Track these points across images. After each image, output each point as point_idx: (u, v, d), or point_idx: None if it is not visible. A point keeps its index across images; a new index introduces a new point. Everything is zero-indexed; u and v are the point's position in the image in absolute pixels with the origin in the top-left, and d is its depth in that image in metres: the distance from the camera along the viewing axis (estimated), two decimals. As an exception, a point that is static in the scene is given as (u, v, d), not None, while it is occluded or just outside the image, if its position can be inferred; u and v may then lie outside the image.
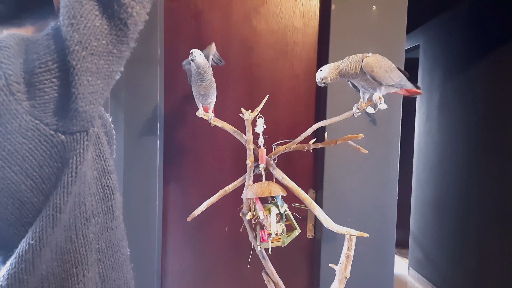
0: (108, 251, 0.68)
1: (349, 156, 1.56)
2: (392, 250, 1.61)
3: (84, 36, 0.53)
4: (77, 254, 0.61)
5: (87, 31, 0.53)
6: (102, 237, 0.67)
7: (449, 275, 3.05)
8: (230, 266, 1.68)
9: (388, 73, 1.04)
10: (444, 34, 3.23)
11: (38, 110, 0.53)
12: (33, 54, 0.54)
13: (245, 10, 1.62)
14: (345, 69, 1.04)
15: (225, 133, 1.29)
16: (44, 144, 0.54)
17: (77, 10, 0.53)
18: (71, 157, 0.56)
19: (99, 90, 0.56)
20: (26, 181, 0.54)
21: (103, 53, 0.55)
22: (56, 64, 0.53)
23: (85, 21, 0.53)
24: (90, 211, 0.63)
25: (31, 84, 0.53)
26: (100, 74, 0.55)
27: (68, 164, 0.56)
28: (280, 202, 1.17)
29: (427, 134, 3.44)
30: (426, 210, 3.44)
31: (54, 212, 0.55)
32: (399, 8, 1.56)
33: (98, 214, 0.66)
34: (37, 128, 0.53)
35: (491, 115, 2.61)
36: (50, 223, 0.55)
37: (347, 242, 1.09)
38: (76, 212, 0.60)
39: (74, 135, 0.55)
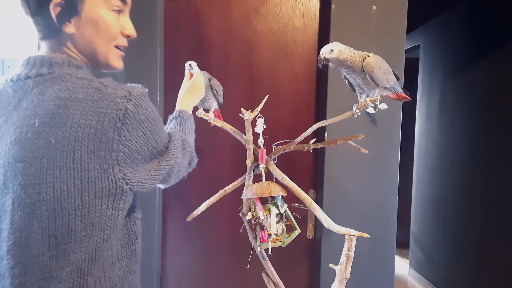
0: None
1: (349, 156, 1.56)
2: (392, 250, 1.61)
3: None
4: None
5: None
6: (126, 280, 0.77)
7: (450, 275, 3.05)
8: (230, 267, 1.68)
9: (385, 76, 1.05)
10: (444, 34, 3.23)
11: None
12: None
13: (245, 10, 1.62)
14: (349, 64, 1.03)
15: (225, 133, 1.29)
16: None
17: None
18: (119, 208, 0.72)
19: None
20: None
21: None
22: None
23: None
24: (115, 254, 0.74)
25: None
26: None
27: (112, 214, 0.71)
28: (280, 202, 1.17)
29: (427, 134, 3.44)
30: (427, 210, 3.44)
31: (94, 253, 0.69)
32: (399, 8, 1.56)
33: (123, 258, 0.77)
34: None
35: (491, 115, 2.61)
36: (92, 260, 0.69)
37: (348, 243, 1.09)
38: (105, 254, 0.70)
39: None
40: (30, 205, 0.64)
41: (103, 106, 0.66)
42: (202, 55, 1.62)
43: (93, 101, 0.67)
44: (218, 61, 1.63)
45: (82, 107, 0.66)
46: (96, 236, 0.68)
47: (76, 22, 0.77)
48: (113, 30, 0.79)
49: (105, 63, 0.82)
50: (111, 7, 0.78)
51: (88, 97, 0.67)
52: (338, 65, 1.05)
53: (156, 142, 0.76)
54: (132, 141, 0.69)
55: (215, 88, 1.21)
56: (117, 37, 0.80)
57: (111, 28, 0.78)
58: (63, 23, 0.77)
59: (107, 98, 0.67)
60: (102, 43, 0.79)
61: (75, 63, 0.76)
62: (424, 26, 3.52)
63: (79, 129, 0.65)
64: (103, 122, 0.65)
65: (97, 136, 0.65)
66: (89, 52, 0.79)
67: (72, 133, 0.64)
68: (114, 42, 0.80)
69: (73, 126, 0.65)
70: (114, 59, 0.82)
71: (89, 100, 0.67)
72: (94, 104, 0.66)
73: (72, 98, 0.67)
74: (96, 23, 0.77)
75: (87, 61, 0.81)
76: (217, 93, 1.22)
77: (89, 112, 0.66)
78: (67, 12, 0.76)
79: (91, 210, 0.66)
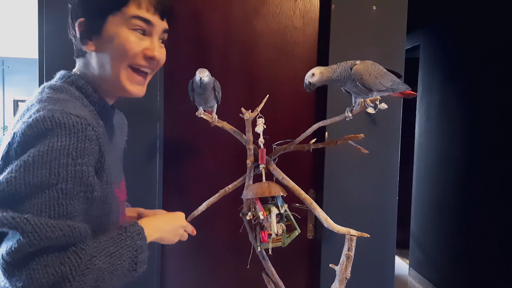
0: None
1: (349, 156, 1.56)
2: (392, 250, 1.61)
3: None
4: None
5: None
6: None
7: (450, 275, 3.05)
8: (230, 267, 1.68)
9: (378, 79, 1.04)
10: (444, 34, 3.23)
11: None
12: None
13: (245, 10, 1.62)
14: (335, 78, 1.05)
15: (225, 133, 1.29)
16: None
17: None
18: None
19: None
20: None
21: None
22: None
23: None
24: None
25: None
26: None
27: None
28: (280, 202, 1.17)
29: (428, 134, 3.44)
30: (427, 210, 3.44)
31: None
32: (399, 8, 1.56)
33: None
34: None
35: (491, 114, 2.61)
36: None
37: (348, 243, 1.09)
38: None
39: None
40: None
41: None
42: (202, 55, 1.62)
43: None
44: (218, 61, 1.63)
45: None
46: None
47: (98, 42, 0.78)
48: (127, 48, 0.77)
49: (118, 85, 0.80)
50: (132, 27, 0.77)
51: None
52: (326, 83, 1.06)
53: (19, 188, 0.60)
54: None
55: (217, 91, 1.21)
56: (133, 57, 0.78)
57: (125, 46, 0.77)
58: (85, 42, 0.79)
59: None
60: (114, 61, 0.78)
61: (75, 82, 0.79)
62: (424, 26, 3.52)
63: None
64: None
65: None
66: (103, 71, 0.79)
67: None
68: (129, 61, 0.78)
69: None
70: (127, 81, 0.80)
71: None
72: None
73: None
74: (112, 41, 0.77)
75: (102, 83, 0.81)
76: (218, 95, 1.22)
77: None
78: (89, 31, 0.78)
79: None
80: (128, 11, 0.76)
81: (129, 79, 0.80)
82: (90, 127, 0.67)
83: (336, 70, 1.05)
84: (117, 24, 0.77)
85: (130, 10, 0.76)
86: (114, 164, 0.82)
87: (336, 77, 1.04)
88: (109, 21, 0.77)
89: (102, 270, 0.64)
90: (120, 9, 0.76)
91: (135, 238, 0.72)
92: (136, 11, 0.77)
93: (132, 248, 0.71)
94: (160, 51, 0.83)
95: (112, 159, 0.81)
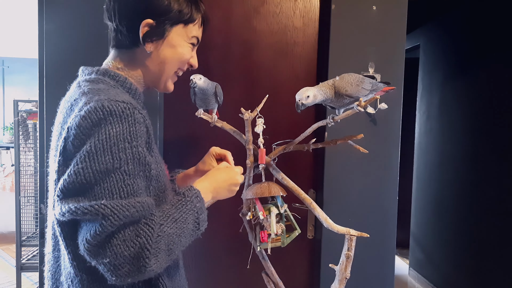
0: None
1: (349, 156, 1.56)
2: (392, 250, 1.61)
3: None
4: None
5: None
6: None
7: (450, 275, 3.05)
8: (230, 267, 1.68)
9: (360, 86, 1.10)
10: (444, 34, 3.23)
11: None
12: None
13: (245, 10, 1.62)
14: (325, 98, 1.11)
15: (225, 133, 1.29)
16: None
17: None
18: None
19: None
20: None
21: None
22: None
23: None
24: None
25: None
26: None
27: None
28: (280, 202, 1.17)
29: (428, 134, 3.44)
30: (427, 210, 3.44)
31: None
32: (399, 8, 1.56)
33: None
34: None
35: (491, 115, 2.61)
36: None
37: (347, 242, 1.09)
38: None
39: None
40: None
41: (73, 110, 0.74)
42: (202, 55, 1.62)
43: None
44: (218, 61, 1.63)
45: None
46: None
47: (157, 44, 0.87)
48: (184, 58, 0.91)
49: (162, 84, 0.92)
50: (190, 40, 0.91)
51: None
52: (316, 103, 1.12)
53: (89, 177, 0.66)
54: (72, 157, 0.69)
55: (219, 96, 1.22)
56: (184, 65, 0.93)
57: (184, 56, 0.91)
58: (146, 42, 0.86)
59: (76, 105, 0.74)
60: (171, 66, 0.90)
61: (106, 73, 0.84)
62: (424, 26, 3.52)
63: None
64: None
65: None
66: (157, 71, 0.89)
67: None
68: (179, 67, 0.92)
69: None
70: (170, 82, 0.94)
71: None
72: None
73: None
74: (175, 49, 0.89)
75: (142, 77, 0.90)
76: (219, 99, 1.23)
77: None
78: (154, 34, 0.86)
79: None
80: (191, 30, 0.90)
81: (172, 81, 0.94)
82: (136, 111, 0.72)
83: (326, 91, 1.10)
84: (180, 35, 0.89)
85: (193, 29, 0.90)
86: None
87: (326, 98, 1.11)
88: (174, 31, 0.88)
89: (172, 235, 0.70)
90: (187, 24, 0.89)
91: (194, 201, 0.78)
92: (197, 31, 0.92)
93: (193, 211, 0.77)
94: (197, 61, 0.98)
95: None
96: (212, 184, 0.91)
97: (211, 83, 1.19)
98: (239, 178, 0.97)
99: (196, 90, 1.17)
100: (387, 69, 1.56)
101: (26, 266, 2.75)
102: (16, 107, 2.93)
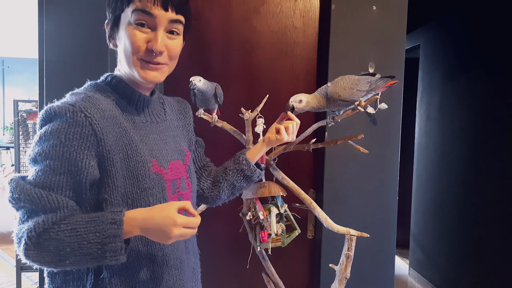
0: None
1: (349, 156, 1.56)
2: (392, 250, 1.61)
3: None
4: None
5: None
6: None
7: (450, 275, 3.05)
8: (230, 267, 1.68)
9: (354, 89, 1.08)
10: (444, 34, 3.23)
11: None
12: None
13: (245, 10, 1.62)
14: (318, 107, 1.11)
15: (225, 133, 1.29)
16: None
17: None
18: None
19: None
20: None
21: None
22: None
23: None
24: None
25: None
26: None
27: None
28: (280, 202, 1.17)
29: (428, 134, 3.44)
30: (427, 210, 3.44)
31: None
32: (399, 8, 1.56)
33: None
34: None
35: (491, 115, 2.61)
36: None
37: (347, 242, 1.09)
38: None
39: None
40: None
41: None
42: (202, 55, 1.62)
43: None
44: (218, 61, 1.63)
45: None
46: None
47: (118, 39, 0.86)
48: (131, 42, 0.81)
49: (136, 75, 0.85)
50: (136, 21, 0.81)
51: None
52: (308, 110, 1.12)
53: (28, 160, 0.78)
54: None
55: (219, 97, 1.22)
56: (137, 50, 0.81)
57: (129, 41, 0.81)
58: (110, 40, 0.88)
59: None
60: (125, 57, 0.84)
61: (110, 82, 0.88)
62: (424, 26, 3.52)
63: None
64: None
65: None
66: (124, 65, 0.86)
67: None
68: (137, 55, 0.82)
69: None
70: (141, 70, 0.83)
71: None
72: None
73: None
74: (122, 37, 0.84)
75: (128, 75, 0.88)
76: (219, 100, 1.23)
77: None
78: (112, 28, 0.86)
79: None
80: (131, 7, 0.81)
81: (142, 69, 0.84)
82: (81, 114, 0.75)
83: (319, 100, 1.10)
84: (125, 22, 0.82)
85: (133, 6, 0.81)
86: (155, 144, 0.89)
87: (319, 106, 1.11)
88: (121, 20, 0.83)
89: (65, 242, 0.70)
90: (128, 5, 0.81)
91: (107, 226, 0.71)
92: (137, 4, 0.80)
93: (100, 235, 0.71)
94: (169, 43, 0.85)
95: (151, 139, 0.89)
96: (145, 221, 0.74)
97: (210, 84, 1.19)
98: (175, 230, 0.73)
99: (196, 92, 1.17)
100: (387, 69, 1.56)
101: (26, 266, 2.75)
102: (16, 107, 2.93)
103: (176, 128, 1.02)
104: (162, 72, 0.87)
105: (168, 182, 0.89)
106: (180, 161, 0.96)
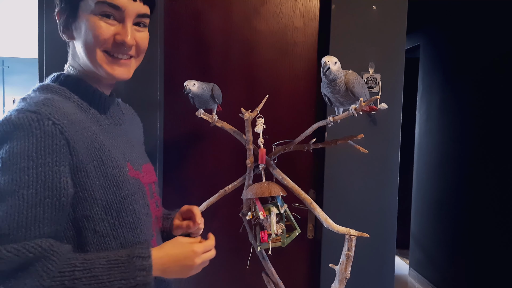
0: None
1: (349, 156, 1.56)
2: (392, 250, 1.61)
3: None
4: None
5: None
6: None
7: (450, 275, 3.05)
8: (230, 267, 1.68)
9: (363, 90, 1.09)
10: (444, 34, 3.23)
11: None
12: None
13: (245, 10, 1.62)
14: (339, 81, 1.07)
15: (225, 133, 1.29)
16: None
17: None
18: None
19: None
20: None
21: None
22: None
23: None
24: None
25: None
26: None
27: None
28: (280, 202, 1.17)
29: (428, 134, 3.44)
30: (427, 210, 3.44)
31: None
32: (399, 8, 1.56)
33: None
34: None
35: (491, 115, 2.61)
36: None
37: (347, 242, 1.09)
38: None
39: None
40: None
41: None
42: (202, 55, 1.62)
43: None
44: (218, 61, 1.63)
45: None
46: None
47: (75, 30, 0.77)
48: (95, 34, 0.74)
49: (99, 70, 0.77)
50: (99, 12, 0.73)
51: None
52: (331, 80, 1.05)
53: None
54: None
55: (217, 98, 1.22)
56: (103, 42, 0.74)
57: (94, 32, 0.73)
58: (64, 31, 0.79)
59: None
60: (88, 48, 0.75)
61: (65, 80, 0.80)
62: (424, 26, 3.52)
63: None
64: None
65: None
66: (83, 59, 0.78)
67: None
68: (102, 48, 0.75)
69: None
70: (107, 66, 0.76)
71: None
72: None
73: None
74: (82, 28, 0.75)
75: (86, 70, 0.80)
76: (217, 100, 1.23)
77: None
78: (65, 20, 0.77)
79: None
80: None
81: (107, 62, 0.76)
82: (49, 122, 0.63)
83: (343, 74, 1.07)
84: (86, 10, 0.74)
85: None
86: (125, 147, 0.82)
87: (341, 82, 1.06)
88: (81, 8, 0.75)
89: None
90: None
91: (135, 273, 0.63)
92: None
93: (128, 283, 0.62)
94: (138, 36, 0.79)
95: (120, 142, 0.82)
96: (162, 260, 0.70)
97: (206, 86, 1.18)
98: (196, 260, 0.75)
99: (191, 96, 1.17)
100: (387, 69, 1.56)
101: None
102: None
103: (133, 130, 0.97)
104: (130, 69, 0.81)
105: (146, 185, 0.83)
106: (150, 163, 0.92)
